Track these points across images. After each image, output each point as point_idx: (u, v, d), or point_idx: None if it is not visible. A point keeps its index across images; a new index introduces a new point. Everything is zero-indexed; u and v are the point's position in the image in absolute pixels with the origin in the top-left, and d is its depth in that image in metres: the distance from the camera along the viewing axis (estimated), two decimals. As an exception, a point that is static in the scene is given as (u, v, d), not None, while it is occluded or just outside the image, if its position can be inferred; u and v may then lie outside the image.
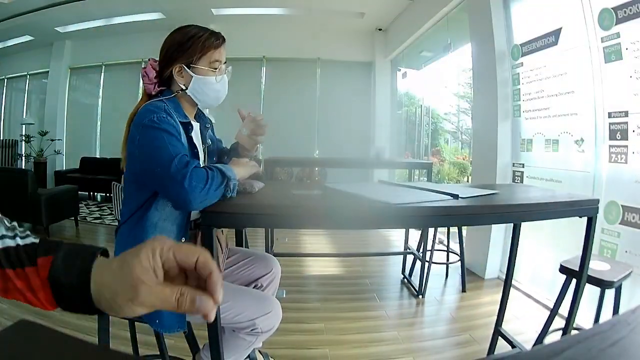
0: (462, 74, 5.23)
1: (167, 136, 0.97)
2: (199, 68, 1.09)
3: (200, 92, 1.11)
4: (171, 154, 0.94)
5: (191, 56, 1.09)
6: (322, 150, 6.09)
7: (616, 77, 1.98)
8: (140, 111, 1.02)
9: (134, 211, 1.06)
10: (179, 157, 0.94)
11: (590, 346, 0.34)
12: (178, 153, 0.95)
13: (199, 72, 1.10)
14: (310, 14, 5.31)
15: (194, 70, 1.09)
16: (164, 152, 0.94)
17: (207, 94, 1.12)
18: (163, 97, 1.08)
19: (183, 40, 1.09)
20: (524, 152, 2.76)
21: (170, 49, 1.10)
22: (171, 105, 1.06)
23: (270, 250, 2.75)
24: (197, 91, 1.11)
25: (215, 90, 1.13)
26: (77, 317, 2.05)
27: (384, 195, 1.10)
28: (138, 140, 0.99)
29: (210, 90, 1.12)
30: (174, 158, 0.93)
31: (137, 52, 6.24)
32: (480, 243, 2.96)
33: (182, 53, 1.09)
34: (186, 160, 0.95)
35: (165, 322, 1.04)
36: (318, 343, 1.94)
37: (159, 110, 1.01)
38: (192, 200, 0.90)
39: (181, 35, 1.10)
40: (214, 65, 1.11)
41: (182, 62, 1.09)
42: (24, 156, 6.40)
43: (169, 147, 0.95)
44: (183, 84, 1.11)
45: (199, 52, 1.09)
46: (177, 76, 1.10)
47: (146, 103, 1.06)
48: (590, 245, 1.25)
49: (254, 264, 1.34)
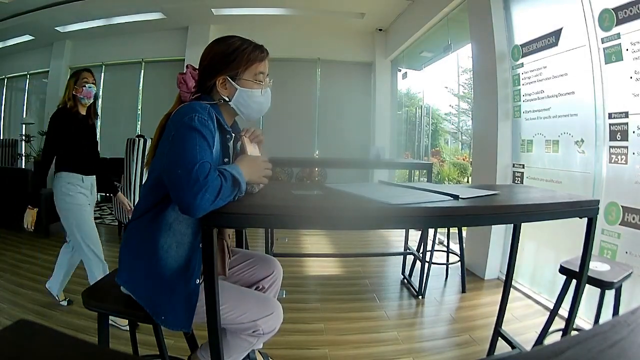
0: (462, 74, 5.24)
1: (200, 139, 0.96)
2: (244, 80, 1.09)
3: (244, 104, 1.11)
4: (196, 159, 0.92)
5: (236, 68, 1.08)
6: (322, 150, 6.09)
7: (616, 78, 1.98)
8: (184, 108, 1.01)
9: (150, 208, 1.06)
10: (200, 163, 0.92)
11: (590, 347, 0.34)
12: (202, 159, 0.93)
13: (244, 85, 1.09)
14: (310, 14, 5.31)
15: (239, 83, 1.09)
16: (190, 155, 0.93)
17: (251, 106, 1.12)
18: (207, 102, 1.07)
19: (228, 51, 1.09)
20: (524, 153, 2.77)
21: (214, 60, 1.09)
22: (215, 110, 1.06)
23: (270, 251, 2.75)
24: (241, 104, 1.11)
25: (259, 103, 1.13)
26: (77, 317, 2.05)
27: (384, 196, 1.10)
28: (173, 136, 0.98)
29: (254, 103, 1.12)
30: (197, 164, 0.91)
31: (137, 52, 6.26)
32: (480, 244, 2.96)
33: (227, 65, 1.08)
34: (208, 168, 0.92)
35: (170, 320, 1.05)
36: (318, 343, 1.94)
37: (203, 111, 1.00)
38: (198, 212, 0.90)
39: (225, 46, 1.10)
40: (258, 78, 1.11)
41: (227, 74, 1.08)
42: (24, 156, 6.39)
43: (198, 151, 0.94)
44: (227, 96, 1.10)
45: (244, 65, 1.09)
46: (220, 87, 1.09)
47: (190, 101, 1.05)
48: (590, 246, 1.25)
49: (255, 266, 1.33)
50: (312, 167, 5.69)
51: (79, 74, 2.03)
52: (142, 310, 1.06)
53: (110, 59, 6.43)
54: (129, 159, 3.41)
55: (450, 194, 1.13)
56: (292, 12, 5.31)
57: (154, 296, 1.05)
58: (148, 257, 1.05)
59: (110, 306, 1.11)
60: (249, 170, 1.03)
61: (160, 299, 1.04)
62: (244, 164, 1.03)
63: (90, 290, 1.17)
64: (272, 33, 5.75)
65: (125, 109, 6.53)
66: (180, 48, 5.78)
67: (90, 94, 2.04)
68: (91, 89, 2.03)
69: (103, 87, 6.63)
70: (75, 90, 2.01)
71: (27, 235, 3.75)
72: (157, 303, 1.04)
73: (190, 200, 0.89)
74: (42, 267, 2.84)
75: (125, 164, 3.47)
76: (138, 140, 3.48)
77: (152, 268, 1.04)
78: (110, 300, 1.12)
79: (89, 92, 2.03)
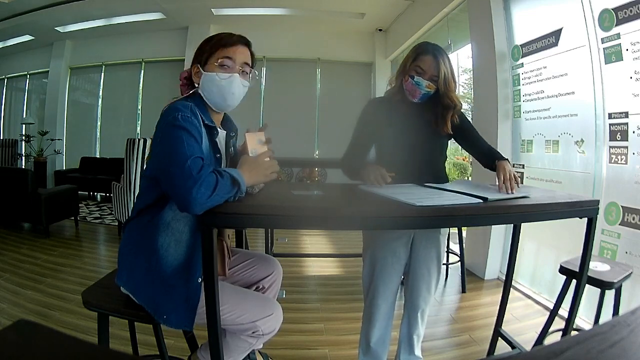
0: (462, 74, 5.23)
1: (186, 136, 0.97)
2: (209, 65, 1.10)
3: (207, 90, 1.11)
4: (186, 155, 0.93)
5: (204, 54, 1.11)
6: (322, 150, 6.09)
7: (616, 78, 1.98)
8: (167, 110, 1.03)
9: (146, 207, 1.06)
10: (192, 159, 0.93)
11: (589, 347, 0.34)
12: (193, 154, 0.94)
13: (208, 70, 1.10)
14: (310, 14, 5.31)
15: (205, 69, 1.10)
16: (180, 152, 0.94)
17: (213, 91, 1.10)
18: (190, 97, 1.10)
19: (204, 41, 1.13)
20: (524, 153, 2.76)
21: (195, 52, 1.13)
22: (198, 107, 1.07)
23: (270, 251, 2.75)
24: (205, 89, 1.11)
25: (221, 87, 1.09)
26: (77, 317, 2.05)
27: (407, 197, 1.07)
28: (160, 137, 1.00)
29: (215, 87, 1.10)
30: (188, 159, 0.93)
31: (137, 52, 6.26)
32: (480, 244, 2.96)
33: (200, 54, 1.12)
34: (200, 164, 0.94)
35: (172, 319, 1.05)
36: (318, 343, 1.94)
37: (185, 109, 1.01)
38: (195, 206, 0.90)
39: (207, 39, 1.14)
40: (222, 62, 1.10)
41: (198, 62, 1.11)
42: (24, 156, 6.39)
43: (186, 148, 0.95)
44: (197, 83, 1.12)
45: (210, 50, 1.11)
46: (194, 76, 1.12)
47: (174, 101, 1.07)
48: (590, 246, 1.25)
49: (255, 266, 1.33)
50: (312, 167, 5.69)
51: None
52: (143, 310, 1.06)
53: (110, 59, 6.43)
54: (129, 159, 3.41)
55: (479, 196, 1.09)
56: (292, 12, 5.31)
57: (155, 296, 1.05)
58: (147, 257, 1.05)
59: (110, 306, 1.11)
60: (251, 172, 1.02)
61: (161, 298, 1.04)
62: (245, 167, 1.03)
63: (90, 290, 1.17)
64: (272, 33, 5.75)
65: (125, 109, 6.53)
66: (180, 48, 5.77)
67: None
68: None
69: (103, 87, 6.65)
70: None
71: (27, 235, 3.76)
72: (158, 303, 1.04)
73: (186, 195, 0.90)
74: (42, 267, 2.84)
75: (125, 164, 3.47)
76: (138, 140, 3.48)
77: (152, 268, 1.04)
78: (110, 300, 1.12)
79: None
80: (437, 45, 1.40)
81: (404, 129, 1.41)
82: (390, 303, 1.45)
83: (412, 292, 1.48)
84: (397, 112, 1.43)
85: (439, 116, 1.42)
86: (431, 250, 1.44)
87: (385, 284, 1.42)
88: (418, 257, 1.44)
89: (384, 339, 1.48)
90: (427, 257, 1.44)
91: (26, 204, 3.62)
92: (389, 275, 1.42)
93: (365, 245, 1.48)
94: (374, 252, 1.43)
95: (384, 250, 1.41)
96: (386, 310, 1.45)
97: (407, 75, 1.39)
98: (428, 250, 1.43)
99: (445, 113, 1.41)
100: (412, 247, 1.44)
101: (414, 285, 1.47)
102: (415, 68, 1.37)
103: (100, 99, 6.66)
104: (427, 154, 1.45)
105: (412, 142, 1.40)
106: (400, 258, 1.42)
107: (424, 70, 1.35)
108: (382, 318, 1.45)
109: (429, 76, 1.35)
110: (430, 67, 1.35)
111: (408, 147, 1.39)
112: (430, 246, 1.43)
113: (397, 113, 1.43)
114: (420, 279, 1.45)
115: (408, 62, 1.40)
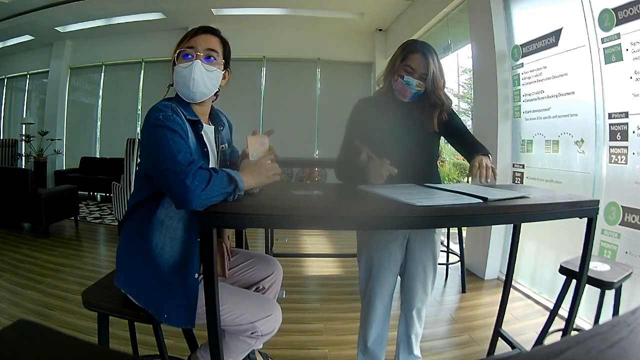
0: (462, 74, 5.23)
1: (170, 134, 0.99)
2: (176, 59, 1.12)
3: (176, 83, 1.12)
4: (174, 152, 0.95)
5: (174, 53, 1.13)
6: (322, 151, 6.09)
7: (616, 78, 1.98)
8: (148, 112, 1.05)
9: (139, 206, 1.08)
10: (181, 154, 0.95)
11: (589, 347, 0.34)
12: (181, 151, 0.96)
13: (175, 63, 1.12)
14: (310, 14, 5.31)
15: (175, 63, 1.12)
16: (167, 150, 0.96)
17: (178, 82, 1.11)
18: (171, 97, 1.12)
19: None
20: (524, 153, 2.76)
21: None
22: (179, 104, 1.08)
23: (270, 251, 2.75)
24: (175, 84, 1.12)
25: (183, 77, 1.09)
26: (77, 317, 2.05)
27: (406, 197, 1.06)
28: (145, 139, 1.02)
29: (179, 77, 1.10)
30: (177, 155, 0.95)
31: (137, 52, 6.25)
32: (480, 244, 2.96)
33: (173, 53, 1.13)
34: (190, 159, 0.96)
35: (172, 317, 1.05)
36: (318, 343, 1.94)
37: (166, 109, 1.03)
38: (192, 200, 0.91)
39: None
40: (183, 53, 1.11)
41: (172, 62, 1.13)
42: (24, 156, 6.39)
43: (172, 145, 0.97)
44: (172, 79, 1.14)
45: (176, 47, 1.13)
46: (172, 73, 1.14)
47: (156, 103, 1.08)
48: (590, 246, 1.25)
49: (255, 266, 1.33)
50: (312, 167, 5.69)
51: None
52: (142, 310, 1.06)
53: (110, 59, 6.43)
54: (128, 159, 3.41)
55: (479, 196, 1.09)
56: (292, 12, 5.31)
57: (154, 295, 1.05)
58: (144, 257, 1.05)
59: (110, 306, 1.11)
60: (253, 174, 1.03)
61: (160, 297, 1.05)
62: (247, 169, 1.04)
63: (90, 290, 1.17)
64: (272, 33, 5.75)
65: (125, 109, 6.53)
66: (180, 48, 5.78)
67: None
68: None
69: (103, 87, 6.65)
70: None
71: (27, 235, 3.76)
72: (157, 302, 1.05)
73: (181, 189, 0.91)
74: (42, 267, 2.84)
75: (125, 164, 3.47)
76: (138, 140, 3.48)
77: (149, 267, 1.05)
78: (110, 300, 1.12)
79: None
80: (426, 43, 1.39)
81: (394, 129, 1.40)
82: (387, 303, 1.45)
83: (409, 292, 1.48)
84: (387, 112, 1.42)
85: (427, 114, 1.41)
86: (426, 250, 1.44)
87: (382, 285, 1.42)
88: (414, 257, 1.44)
89: (382, 339, 1.48)
90: (422, 256, 1.44)
91: (26, 204, 3.62)
92: (385, 276, 1.42)
93: (360, 246, 1.48)
94: (370, 253, 1.43)
95: (380, 251, 1.41)
96: (383, 311, 1.45)
97: (396, 75, 1.37)
98: (423, 249, 1.43)
99: (433, 111, 1.40)
100: (407, 247, 1.44)
101: (410, 285, 1.47)
102: (405, 67, 1.36)
103: (100, 99, 6.65)
104: (418, 153, 1.44)
105: (402, 142, 1.39)
106: (396, 258, 1.42)
107: (414, 69, 1.35)
108: (379, 318, 1.45)
109: (419, 75, 1.35)
110: (419, 65, 1.34)
111: (398, 147, 1.38)
112: (426, 246, 1.43)
113: (387, 113, 1.42)
114: (416, 278, 1.45)
115: (397, 62, 1.38)
